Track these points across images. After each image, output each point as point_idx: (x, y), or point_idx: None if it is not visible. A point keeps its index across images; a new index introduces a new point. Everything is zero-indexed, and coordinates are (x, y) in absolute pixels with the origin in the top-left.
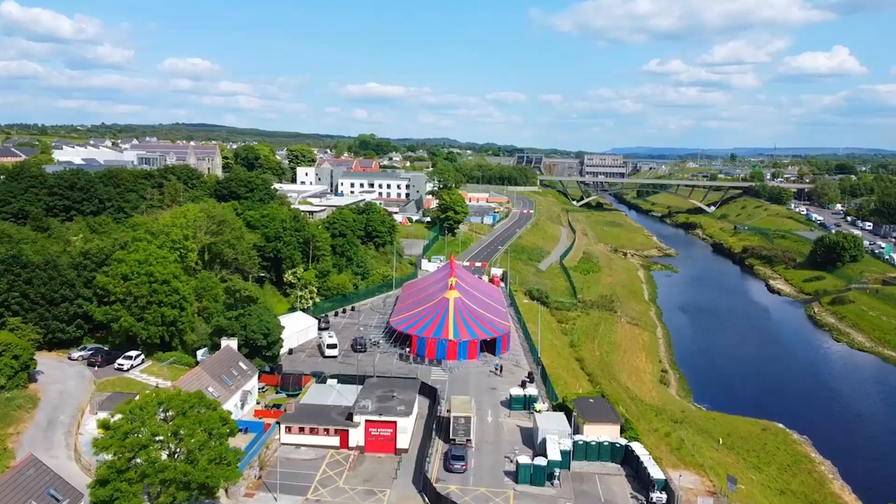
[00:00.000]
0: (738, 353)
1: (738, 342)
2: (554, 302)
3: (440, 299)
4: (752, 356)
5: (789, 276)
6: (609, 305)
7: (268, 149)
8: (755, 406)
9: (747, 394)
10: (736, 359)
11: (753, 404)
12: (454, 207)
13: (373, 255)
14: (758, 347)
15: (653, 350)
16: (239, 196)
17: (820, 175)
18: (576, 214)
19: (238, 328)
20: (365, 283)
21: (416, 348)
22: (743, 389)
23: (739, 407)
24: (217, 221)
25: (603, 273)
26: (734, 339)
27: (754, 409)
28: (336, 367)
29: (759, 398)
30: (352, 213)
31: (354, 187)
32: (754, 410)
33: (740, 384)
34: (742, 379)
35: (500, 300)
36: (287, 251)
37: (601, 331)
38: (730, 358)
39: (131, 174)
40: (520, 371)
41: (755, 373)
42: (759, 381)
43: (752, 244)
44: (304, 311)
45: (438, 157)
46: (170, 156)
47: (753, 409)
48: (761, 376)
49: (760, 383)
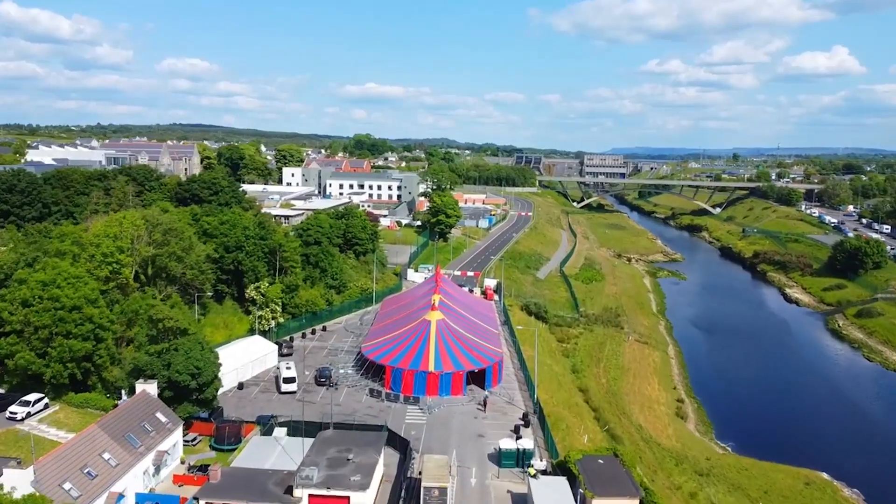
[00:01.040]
0: (760, 376)
1: (758, 362)
2: (554, 317)
3: (420, 322)
4: (776, 379)
5: (807, 284)
6: (615, 320)
7: (253, 148)
8: (788, 446)
9: (776, 429)
10: (758, 383)
11: (786, 444)
12: (446, 210)
13: (352, 264)
14: (781, 368)
15: (665, 374)
16: (201, 199)
17: (827, 175)
18: (576, 216)
19: (159, 368)
20: (341, 297)
21: (390, 382)
22: (770, 423)
23: (770, 448)
24: (162, 230)
25: (606, 282)
26: (754, 358)
27: (789, 452)
28: (292, 408)
29: (792, 435)
30: (329, 218)
31: (343, 188)
32: (789, 453)
33: (766, 416)
34: (768, 409)
35: (493, 318)
36: (249, 263)
37: (607, 351)
38: (751, 382)
39: (82, 175)
40: (513, 410)
41: (782, 401)
42: (788, 412)
43: (763, 248)
44: (265, 334)
45: (435, 158)
46: (142, 155)
47: (787, 451)
48: (790, 406)
49: (790, 415)
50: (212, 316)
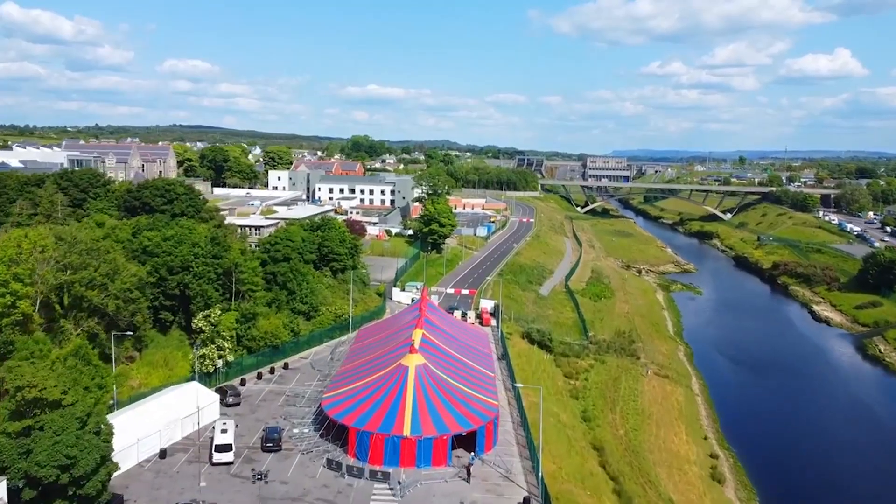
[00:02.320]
0: (800, 415)
1: (793, 396)
2: (559, 345)
3: (396, 367)
4: (820, 419)
5: (836, 301)
6: (629, 347)
7: (239, 150)
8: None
9: (829, 486)
10: (799, 424)
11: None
12: (439, 219)
13: (329, 283)
14: (823, 407)
15: (693, 417)
16: (153, 209)
17: (839, 179)
18: (580, 222)
19: (13, 457)
20: (311, 324)
21: (354, 448)
22: (823, 481)
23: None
24: (80, 250)
25: (616, 298)
26: (788, 391)
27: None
28: (224, 488)
29: (846, 490)
30: (301, 230)
31: (333, 193)
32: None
33: (815, 470)
34: (815, 461)
35: (488, 356)
36: (197, 286)
37: (623, 390)
38: (790, 423)
39: (17, 180)
40: (510, 489)
41: (830, 448)
42: (840, 462)
43: (782, 259)
44: (209, 376)
45: (434, 160)
46: (109, 157)
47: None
48: (841, 453)
49: (843, 466)
50: (151, 351)
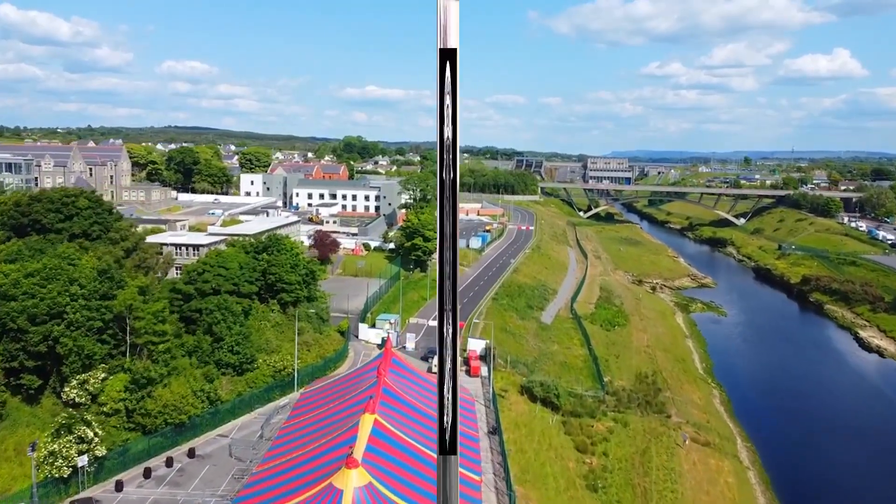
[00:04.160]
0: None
1: (866, 464)
2: (568, 399)
3: (325, 487)
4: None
5: (884, 325)
6: (655, 398)
7: (211, 151)
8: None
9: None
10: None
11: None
12: (423, 231)
13: (277, 321)
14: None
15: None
16: (46, 228)
17: (856, 180)
18: (584, 229)
19: None
20: (243, 380)
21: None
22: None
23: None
24: None
25: (632, 326)
26: (858, 457)
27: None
28: None
29: None
30: (239, 253)
31: (312, 198)
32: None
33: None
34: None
35: (473, 438)
36: (72, 341)
37: (655, 470)
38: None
39: None
40: None
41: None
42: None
43: (812, 272)
44: (66, 481)
45: (429, 161)
46: (45, 160)
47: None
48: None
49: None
50: (5, 430)
